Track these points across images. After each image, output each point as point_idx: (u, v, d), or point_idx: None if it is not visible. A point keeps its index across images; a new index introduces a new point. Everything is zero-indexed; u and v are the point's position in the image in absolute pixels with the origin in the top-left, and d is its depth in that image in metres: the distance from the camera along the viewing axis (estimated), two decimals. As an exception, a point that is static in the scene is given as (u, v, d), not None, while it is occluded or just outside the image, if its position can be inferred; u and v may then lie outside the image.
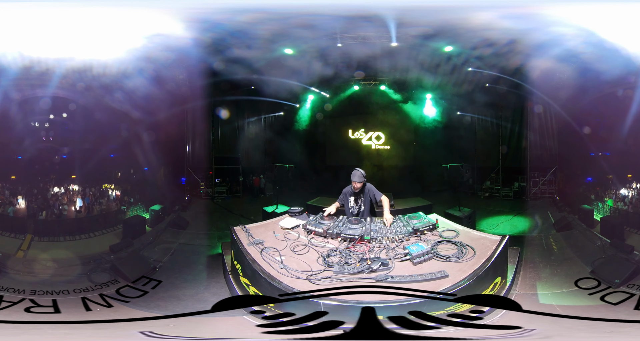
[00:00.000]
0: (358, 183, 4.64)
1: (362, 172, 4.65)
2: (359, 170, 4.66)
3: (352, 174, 4.68)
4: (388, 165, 10.58)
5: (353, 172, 4.68)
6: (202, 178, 9.51)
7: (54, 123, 7.82)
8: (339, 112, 10.48)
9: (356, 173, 4.64)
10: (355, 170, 4.68)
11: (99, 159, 7.75)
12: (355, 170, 4.68)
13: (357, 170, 4.67)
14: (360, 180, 4.63)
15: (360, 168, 4.69)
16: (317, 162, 10.89)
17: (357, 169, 4.68)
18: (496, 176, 10.14)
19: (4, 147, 7.16)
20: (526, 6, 4.77)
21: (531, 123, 8.80)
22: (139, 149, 7.77)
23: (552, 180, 8.96)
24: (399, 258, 3.68)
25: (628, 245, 5.49)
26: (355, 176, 4.63)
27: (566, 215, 7.38)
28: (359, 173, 4.63)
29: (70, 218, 6.80)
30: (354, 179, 4.65)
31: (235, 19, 5.19)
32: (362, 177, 4.63)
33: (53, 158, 7.98)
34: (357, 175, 4.63)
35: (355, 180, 4.64)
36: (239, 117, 10.51)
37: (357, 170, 4.68)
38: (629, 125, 6.56)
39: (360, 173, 4.63)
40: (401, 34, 6.23)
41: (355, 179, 4.63)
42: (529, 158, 9.08)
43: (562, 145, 8.63)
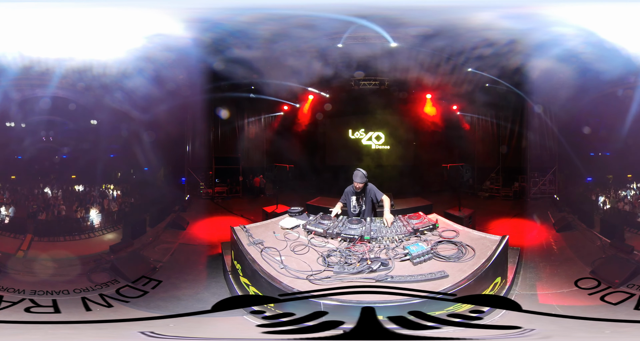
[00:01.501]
0: (359, 183, 4.69)
1: (364, 172, 4.70)
2: (360, 171, 4.70)
3: (353, 174, 4.72)
4: (388, 165, 10.58)
5: (355, 172, 4.72)
6: (202, 178, 9.51)
7: (54, 124, 7.82)
8: (339, 112, 10.47)
9: (358, 173, 4.69)
10: (356, 170, 4.73)
11: (99, 159, 7.75)
12: (356, 171, 4.72)
13: (358, 171, 4.71)
14: (362, 180, 4.67)
15: (361, 169, 4.73)
16: (317, 162, 10.89)
17: (358, 169, 4.72)
18: (496, 176, 10.14)
19: (4, 147, 7.15)
20: (526, 6, 4.77)
21: (531, 123, 8.79)
22: (139, 149, 7.77)
23: (552, 180, 8.96)
24: (399, 258, 3.68)
25: (628, 245, 5.49)
26: (357, 177, 4.68)
27: (566, 215, 7.37)
28: (360, 174, 4.68)
29: (70, 218, 6.79)
30: (355, 179, 4.70)
31: (235, 19, 5.19)
32: (363, 178, 4.68)
33: (53, 158, 7.98)
34: (358, 176, 4.67)
35: (357, 180, 4.69)
36: (239, 117, 10.51)
37: (358, 170, 4.72)
38: (629, 125, 6.55)
39: (362, 174, 4.68)
40: (401, 34, 6.22)
41: (357, 180, 4.68)
42: (529, 158, 9.07)
43: (562, 145, 8.61)
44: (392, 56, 7.38)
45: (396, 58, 7.42)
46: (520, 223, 7.70)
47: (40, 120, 7.52)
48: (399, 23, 5.49)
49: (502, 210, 8.59)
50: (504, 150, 10.03)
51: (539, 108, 8.47)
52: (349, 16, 5.22)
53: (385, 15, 5.19)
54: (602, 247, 5.74)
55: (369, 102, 9.96)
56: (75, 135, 7.96)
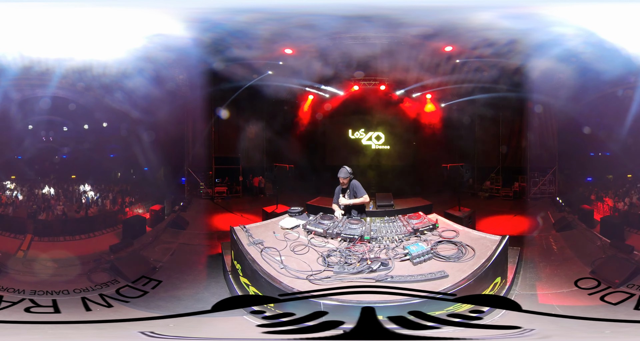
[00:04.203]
0: (344, 179, 4.86)
1: (348, 169, 4.88)
2: (345, 168, 4.89)
3: (339, 171, 4.90)
4: (388, 165, 10.57)
5: (340, 169, 4.90)
6: (202, 178, 9.51)
7: (54, 124, 7.82)
8: (339, 112, 10.47)
9: (342, 170, 4.88)
10: (342, 167, 4.90)
11: (99, 159, 7.75)
12: (342, 168, 4.90)
13: (343, 168, 4.89)
14: (345, 175, 4.85)
15: (347, 166, 4.91)
16: (317, 162, 10.88)
17: (344, 166, 4.91)
18: (496, 176, 10.14)
19: (4, 147, 7.16)
20: (526, 6, 4.77)
21: (531, 123, 8.79)
22: (139, 149, 7.77)
23: (552, 180, 8.96)
24: (399, 258, 3.68)
25: (628, 245, 5.49)
26: (342, 172, 4.87)
27: (566, 215, 7.37)
28: (344, 170, 4.87)
29: (70, 218, 6.79)
30: (340, 175, 4.88)
31: (235, 19, 5.19)
32: (347, 173, 4.85)
33: (53, 158, 7.98)
34: (342, 172, 4.87)
35: (341, 176, 4.88)
36: (239, 117, 10.50)
37: (343, 167, 4.90)
38: (629, 125, 6.56)
39: (346, 170, 4.86)
40: (401, 34, 6.22)
41: (341, 175, 4.87)
42: (529, 158, 9.07)
43: (562, 145, 8.62)
44: (392, 56, 7.39)
45: (396, 58, 7.43)
46: (520, 223, 7.70)
47: (40, 120, 7.52)
48: (399, 23, 5.48)
49: (502, 210, 8.59)
50: (504, 150, 10.03)
51: (539, 108, 8.47)
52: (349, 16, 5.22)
53: (386, 15, 5.19)
54: (602, 246, 5.75)
55: (369, 102, 9.96)
56: (75, 135, 7.97)
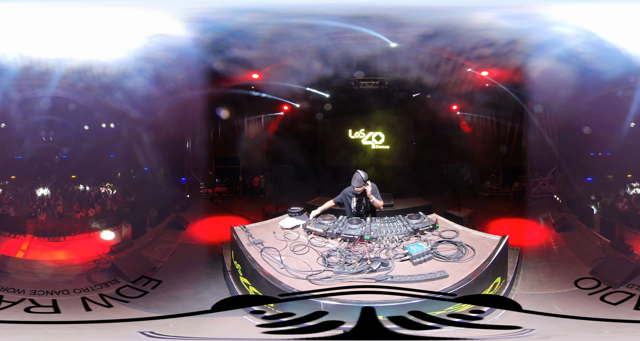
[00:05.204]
0: (358, 188, 4.59)
1: (363, 176, 4.53)
2: (359, 174, 4.54)
3: (352, 178, 4.59)
4: (388, 165, 10.58)
5: (354, 175, 4.59)
6: (202, 178, 9.51)
7: (54, 124, 7.82)
8: (339, 112, 10.48)
9: (356, 177, 4.55)
10: (356, 173, 4.57)
11: (99, 159, 7.75)
12: (355, 174, 4.57)
13: (357, 174, 4.55)
14: (359, 185, 4.55)
15: (361, 171, 4.58)
16: (317, 162, 10.89)
17: (358, 172, 4.57)
18: (496, 176, 10.14)
19: (4, 147, 7.16)
20: (526, 6, 4.77)
21: (531, 123, 8.79)
22: (139, 149, 7.77)
23: (552, 180, 8.96)
24: (399, 258, 3.68)
25: (628, 245, 5.49)
26: (355, 180, 4.55)
27: (566, 215, 7.37)
28: (359, 177, 4.52)
29: (70, 218, 6.79)
30: (353, 183, 4.59)
31: (235, 19, 5.19)
32: (361, 182, 4.54)
33: (53, 158, 7.98)
34: (356, 180, 4.54)
35: (354, 185, 4.57)
36: (239, 116, 10.51)
37: (358, 173, 4.56)
38: (629, 125, 6.56)
39: (361, 177, 4.52)
40: (401, 34, 6.22)
41: (355, 184, 4.57)
42: (529, 158, 9.07)
43: (562, 145, 8.63)
44: (392, 56, 7.39)
45: (396, 58, 7.42)
46: (520, 223, 7.70)
47: (40, 120, 7.52)
48: (399, 23, 5.48)
49: (502, 210, 8.58)
50: (504, 150, 10.03)
51: (539, 108, 8.48)
52: (349, 16, 5.22)
53: (386, 15, 5.19)
54: (602, 246, 5.75)
55: (369, 102, 9.97)
56: (75, 135, 7.97)
